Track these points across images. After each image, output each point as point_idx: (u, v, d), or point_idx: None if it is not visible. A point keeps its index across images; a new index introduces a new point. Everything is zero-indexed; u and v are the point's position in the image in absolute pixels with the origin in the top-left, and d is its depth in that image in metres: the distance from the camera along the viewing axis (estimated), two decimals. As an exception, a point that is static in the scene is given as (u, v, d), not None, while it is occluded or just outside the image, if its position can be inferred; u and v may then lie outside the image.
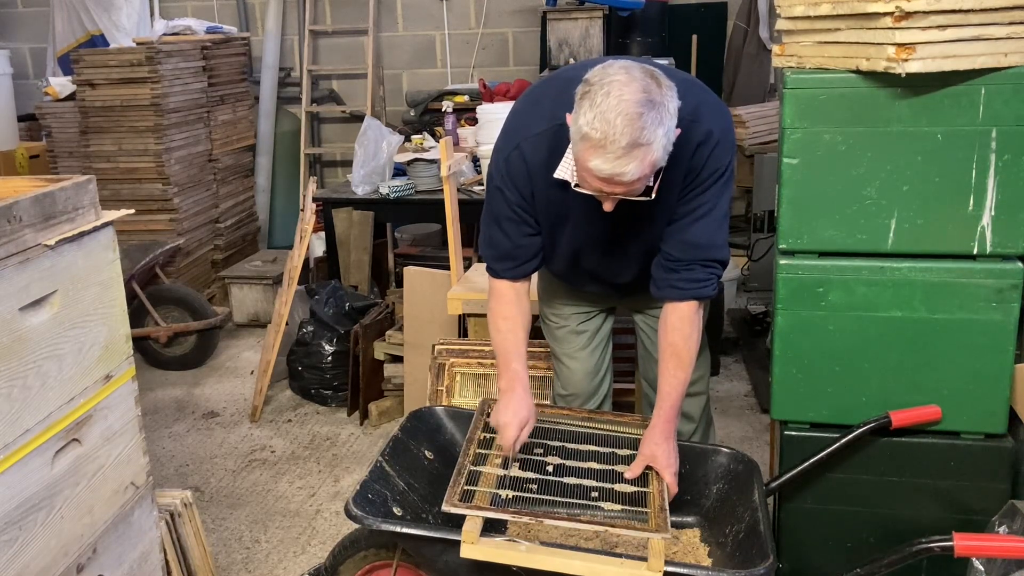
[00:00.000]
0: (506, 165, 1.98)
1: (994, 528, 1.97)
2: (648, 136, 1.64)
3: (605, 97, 1.64)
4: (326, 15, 6.09)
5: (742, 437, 3.47)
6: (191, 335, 4.32)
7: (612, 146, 1.64)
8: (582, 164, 1.72)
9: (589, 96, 1.67)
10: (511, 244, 2.05)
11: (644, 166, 1.67)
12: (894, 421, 2.05)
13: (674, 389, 2.02)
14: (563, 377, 2.40)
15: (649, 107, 1.64)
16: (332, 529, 2.94)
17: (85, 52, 4.84)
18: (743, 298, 4.64)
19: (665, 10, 5.44)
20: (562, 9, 5.16)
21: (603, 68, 1.71)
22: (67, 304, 1.72)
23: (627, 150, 1.64)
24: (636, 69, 1.69)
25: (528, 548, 1.76)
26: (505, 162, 1.98)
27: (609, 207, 1.81)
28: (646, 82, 1.66)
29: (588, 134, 1.66)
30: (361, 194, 4.28)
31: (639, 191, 1.76)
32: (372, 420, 3.68)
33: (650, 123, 1.63)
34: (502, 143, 2.01)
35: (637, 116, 1.62)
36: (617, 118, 1.62)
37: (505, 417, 2.03)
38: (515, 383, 2.07)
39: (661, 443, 2.01)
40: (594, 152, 1.66)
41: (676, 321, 2.00)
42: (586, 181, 1.75)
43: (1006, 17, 1.83)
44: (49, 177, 1.78)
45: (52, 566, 1.71)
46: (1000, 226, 1.97)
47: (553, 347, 2.42)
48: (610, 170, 1.67)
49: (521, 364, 2.09)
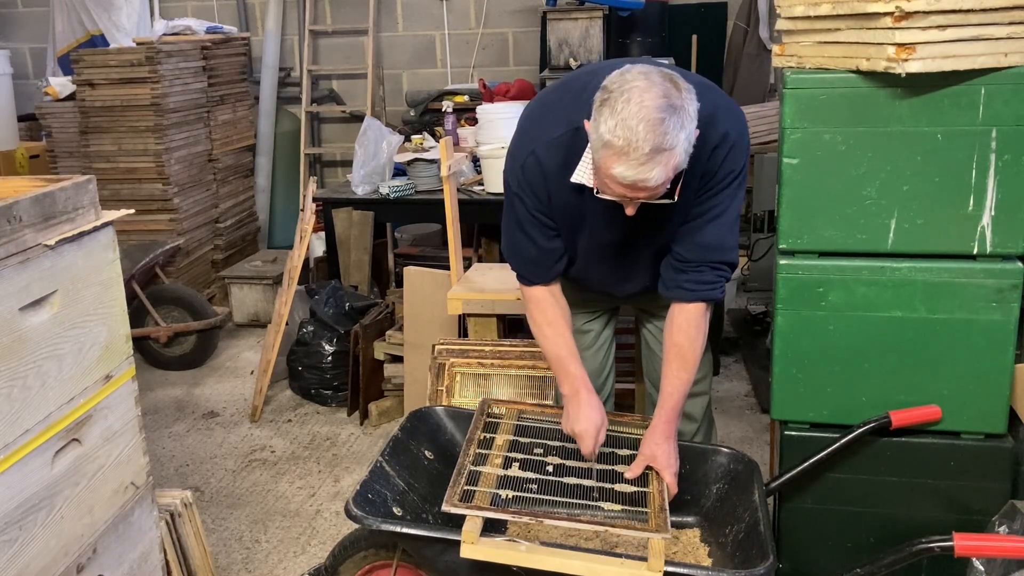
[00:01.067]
0: (522, 171, 1.97)
1: (994, 528, 1.97)
2: (671, 141, 1.64)
3: (626, 104, 1.64)
4: (326, 15, 6.09)
5: (742, 437, 3.47)
6: (191, 335, 4.32)
7: (635, 153, 1.63)
8: (604, 171, 1.71)
9: (609, 103, 1.66)
10: (537, 249, 2.05)
11: (667, 171, 1.67)
12: (894, 421, 2.05)
13: (676, 390, 2.02)
14: None
15: (671, 112, 1.64)
16: (332, 529, 2.94)
17: (85, 52, 4.84)
18: (743, 298, 4.64)
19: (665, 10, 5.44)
20: (562, 9, 5.16)
21: (621, 74, 1.70)
22: (67, 304, 1.72)
23: (650, 156, 1.64)
24: (655, 74, 1.68)
25: (528, 548, 1.76)
26: (521, 168, 1.97)
27: (631, 211, 1.81)
28: (666, 87, 1.66)
29: (610, 141, 1.65)
30: (361, 194, 4.28)
31: (661, 195, 1.75)
32: (372, 420, 3.68)
33: (672, 128, 1.63)
34: (517, 149, 2.00)
35: (659, 122, 1.62)
36: (639, 125, 1.62)
37: (580, 425, 2.01)
38: (579, 387, 2.05)
39: (662, 443, 2.01)
40: (617, 159, 1.66)
41: (682, 322, 2.00)
42: (608, 187, 1.75)
43: (1006, 17, 1.83)
44: (49, 177, 1.78)
45: (52, 566, 1.71)
46: (1000, 226, 1.97)
47: None
48: (634, 176, 1.66)
49: (579, 367, 2.07)
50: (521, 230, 2.04)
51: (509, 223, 2.06)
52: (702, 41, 5.52)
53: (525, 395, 2.84)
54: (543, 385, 2.85)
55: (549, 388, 2.86)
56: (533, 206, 1.99)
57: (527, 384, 2.83)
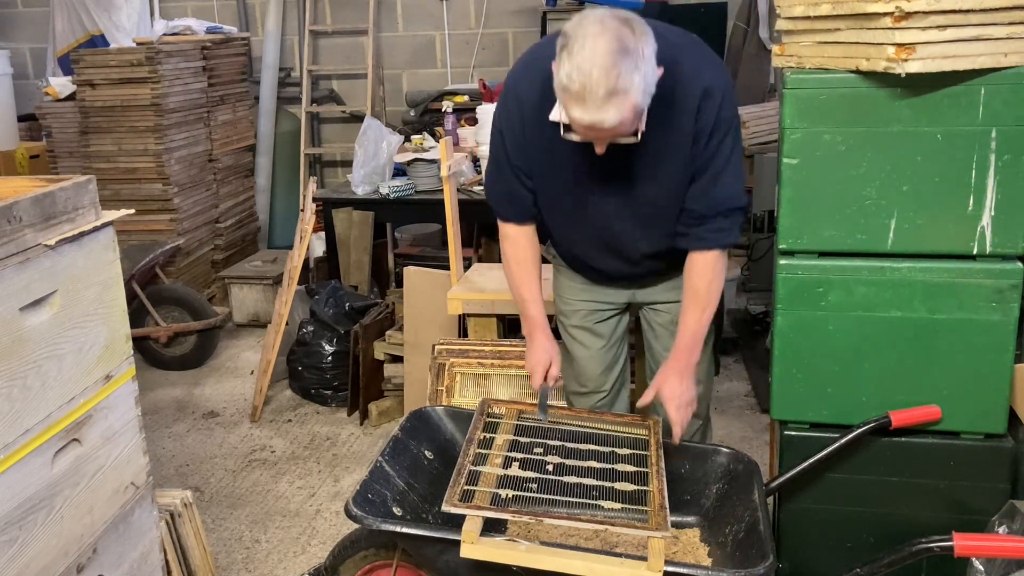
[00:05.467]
0: (503, 108, 2.09)
1: (994, 528, 1.97)
2: (624, 83, 1.70)
3: (581, 49, 1.70)
4: (326, 15, 6.09)
5: (742, 437, 3.47)
6: (191, 335, 4.33)
7: (590, 96, 1.70)
8: (567, 112, 1.79)
9: (567, 48, 1.73)
10: (507, 189, 2.16)
11: (623, 111, 1.73)
12: (894, 421, 2.05)
13: (691, 328, 2.10)
14: (577, 373, 2.40)
15: (623, 55, 1.69)
16: (332, 529, 2.94)
17: (85, 52, 4.84)
18: (743, 298, 4.64)
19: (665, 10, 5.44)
20: (562, 9, 5.16)
21: (579, 19, 1.77)
22: (67, 304, 1.72)
23: (605, 99, 1.70)
24: (610, 18, 1.74)
25: (528, 548, 1.76)
26: (503, 105, 2.09)
27: (600, 150, 1.89)
28: (620, 30, 1.72)
29: (567, 86, 1.73)
30: (361, 194, 4.28)
31: (627, 133, 1.82)
32: (372, 420, 3.68)
33: (625, 70, 1.69)
34: (503, 90, 2.12)
35: (612, 65, 1.68)
36: (593, 69, 1.69)
37: (529, 363, 2.21)
38: (534, 329, 2.21)
39: (671, 376, 2.08)
40: (574, 102, 1.74)
41: (700, 268, 2.09)
42: (575, 128, 1.83)
43: (1006, 17, 1.83)
44: (49, 177, 1.78)
45: (52, 566, 1.71)
46: (1000, 226, 1.97)
47: (568, 346, 2.40)
48: (591, 119, 1.74)
49: (537, 308, 2.21)
50: (498, 167, 2.16)
51: (491, 158, 2.18)
52: (702, 41, 5.51)
53: (525, 395, 2.84)
54: (543, 385, 2.85)
55: (549, 388, 2.86)
56: (510, 146, 2.09)
57: (527, 384, 2.82)
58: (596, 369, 2.37)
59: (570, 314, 2.38)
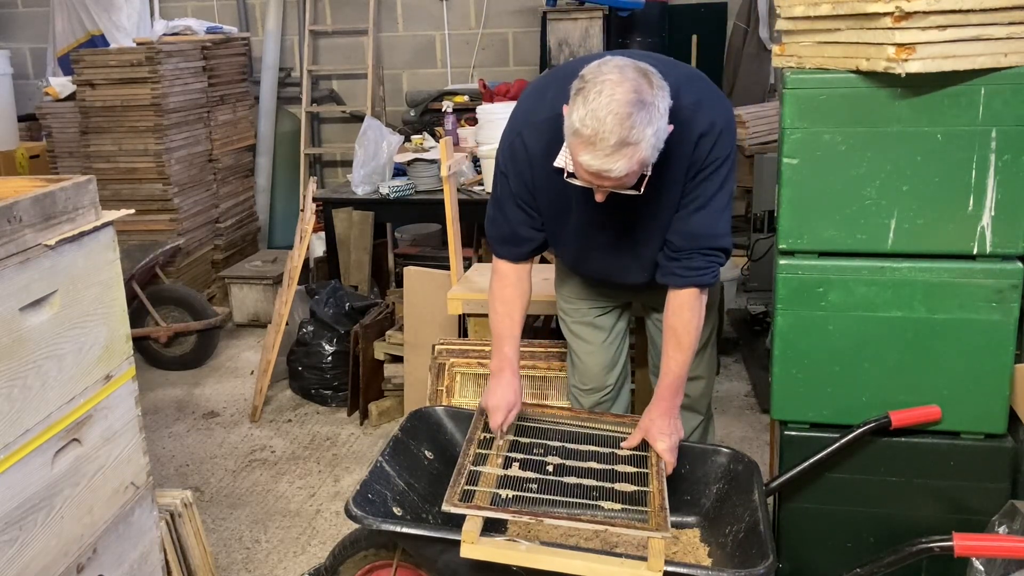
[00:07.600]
0: (510, 150, 2.06)
1: (994, 528, 1.97)
2: (636, 136, 1.68)
3: (597, 96, 1.69)
4: (326, 15, 6.09)
5: (742, 437, 3.47)
6: (191, 335, 4.32)
7: (601, 143, 1.69)
8: (574, 157, 1.78)
9: (583, 93, 1.72)
10: (509, 229, 2.13)
11: (632, 163, 1.72)
12: (894, 421, 2.05)
13: (671, 370, 2.08)
14: (580, 371, 2.42)
15: (639, 107, 1.68)
16: (332, 529, 2.94)
17: (85, 52, 4.84)
18: (743, 298, 4.64)
19: (665, 10, 5.44)
20: (562, 9, 5.16)
21: (598, 65, 1.75)
22: (67, 304, 1.72)
23: (616, 148, 1.69)
24: (630, 68, 1.73)
25: (528, 548, 1.76)
26: (509, 148, 2.06)
27: (600, 198, 1.88)
28: (638, 82, 1.70)
29: (579, 130, 1.71)
30: (361, 194, 4.28)
31: (629, 185, 1.81)
32: (372, 420, 3.68)
33: (639, 123, 1.68)
34: (508, 129, 2.09)
35: (627, 116, 1.67)
36: (607, 117, 1.67)
37: (492, 401, 2.14)
38: (504, 366, 2.16)
39: (656, 417, 2.07)
40: (584, 148, 1.72)
41: (676, 307, 2.06)
42: (579, 173, 1.81)
43: (1006, 17, 1.83)
44: (49, 177, 1.78)
45: (52, 566, 1.71)
46: (1000, 226, 1.97)
47: (570, 342, 2.44)
48: (599, 166, 1.72)
49: (513, 348, 2.17)
50: (500, 207, 2.13)
51: (493, 196, 2.16)
52: (702, 41, 5.52)
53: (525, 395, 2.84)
54: (543, 385, 2.85)
55: (549, 388, 2.86)
56: (515, 186, 2.07)
57: (527, 384, 2.82)
58: (598, 366, 2.38)
59: (571, 312, 2.40)
